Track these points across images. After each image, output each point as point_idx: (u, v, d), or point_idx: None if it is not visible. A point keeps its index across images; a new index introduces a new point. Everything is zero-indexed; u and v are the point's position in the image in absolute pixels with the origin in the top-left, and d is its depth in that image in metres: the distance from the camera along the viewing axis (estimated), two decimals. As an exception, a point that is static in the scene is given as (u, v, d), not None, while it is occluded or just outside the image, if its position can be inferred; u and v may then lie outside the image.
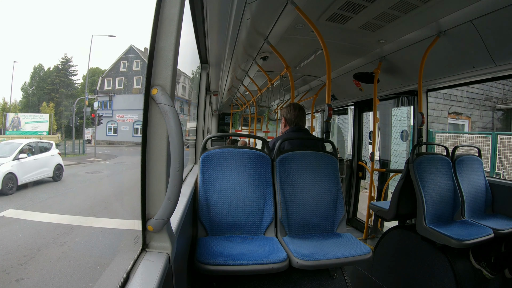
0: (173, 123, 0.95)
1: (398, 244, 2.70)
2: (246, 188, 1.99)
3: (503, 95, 9.74)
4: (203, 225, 1.92)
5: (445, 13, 2.19)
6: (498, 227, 2.33)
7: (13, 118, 10.65)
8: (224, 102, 8.47)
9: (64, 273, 3.65)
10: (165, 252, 1.04)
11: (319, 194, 2.07)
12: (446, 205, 2.54)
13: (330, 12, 2.31)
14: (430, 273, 2.36)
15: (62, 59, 13.99)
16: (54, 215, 5.40)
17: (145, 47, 16.34)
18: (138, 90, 15.11)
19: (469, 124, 9.70)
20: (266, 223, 1.97)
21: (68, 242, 4.47)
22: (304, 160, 2.10)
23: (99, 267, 3.77)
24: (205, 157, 2.00)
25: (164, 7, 0.98)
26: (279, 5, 2.18)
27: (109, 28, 37.79)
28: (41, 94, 13.50)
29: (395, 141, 7.83)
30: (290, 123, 2.57)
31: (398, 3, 2.11)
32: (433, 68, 2.81)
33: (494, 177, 4.32)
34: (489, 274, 2.33)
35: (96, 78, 15.54)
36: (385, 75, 3.37)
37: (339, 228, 2.08)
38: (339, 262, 1.73)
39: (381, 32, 2.61)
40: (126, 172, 10.33)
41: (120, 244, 4.63)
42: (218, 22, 2.34)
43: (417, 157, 2.52)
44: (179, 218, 1.33)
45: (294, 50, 3.32)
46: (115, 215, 5.84)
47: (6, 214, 5.25)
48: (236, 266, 1.55)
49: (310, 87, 5.09)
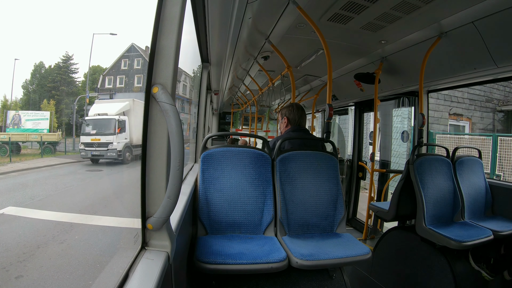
0: (174, 121, 0.95)
1: (398, 245, 2.70)
2: (246, 188, 1.99)
3: (504, 97, 9.73)
4: (202, 224, 1.92)
5: (447, 14, 2.19)
6: (498, 229, 2.33)
7: (13, 116, 10.66)
8: (225, 101, 8.47)
9: (64, 270, 3.66)
10: (164, 251, 1.04)
11: (319, 194, 2.07)
12: (446, 206, 2.54)
13: (331, 12, 2.30)
14: (429, 274, 2.36)
15: (63, 57, 14.01)
16: (54, 213, 5.41)
17: (146, 46, 16.34)
18: (139, 89, 15.12)
19: (469, 126, 9.70)
20: (266, 223, 1.98)
21: (68, 240, 4.48)
22: (304, 160, 2.10)
23: (99, 265, 3.78)
24: (206, 156, 2.00)
25: (165, 6, 0.98)
26: (281, 5, 2.18)
27: (111, 26, 37.77)
28: (42, 92, 13.52)
29: (396, 142, 7.83)
30: (292, 123, 2.57)
31: (400, 4, 2.10)
32: (434, 69, 2.80)
33: (494, 179, 4.31)
34: (488, 276, 2.33)
35: (97, 76, 15.56)
36: (386, 76, 3.37)
37: (339, 228, 2.07)
38: (338, 262, 1.74)
39: (383, 32, 2.61)
40: (126, 170, 10.39)
41: (119, 242, 4.64)
42: (220, 21, 2.34)
43: (417, 158, 2.52)
44: (178, 217, 1.33)
45: (295, 49, 3.31)
46: (114, 213, 5.85)
47: (6, 211, 5.26)
48: (236, 265, 1.55)
49: (311, 87, 5.09)
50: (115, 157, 10.24)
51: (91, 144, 10.17)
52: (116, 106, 11.46)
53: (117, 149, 10.23)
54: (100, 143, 10.20)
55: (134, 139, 10.94)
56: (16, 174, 8.59)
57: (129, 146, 10.69)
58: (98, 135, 10.29)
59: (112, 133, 10.36)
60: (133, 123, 10.99)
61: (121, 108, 11.26)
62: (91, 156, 10.25)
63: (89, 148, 10.16)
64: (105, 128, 10.48)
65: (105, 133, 10.38)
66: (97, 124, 10.53)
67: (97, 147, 10.21)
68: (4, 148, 9.67)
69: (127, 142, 10.65)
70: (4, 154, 9.44)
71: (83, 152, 10.11)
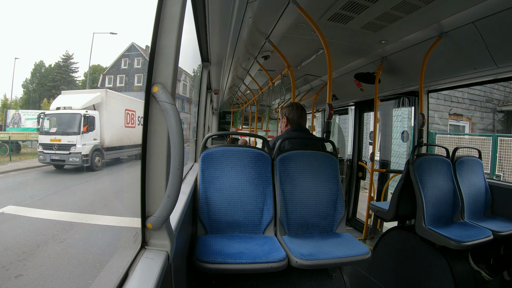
0: (174, 121, 0.95)
1: (397, 245, 2.70)
2: (246, 187, 1.99)
3: (504, 97, 9.73)
4: (202, 224, 1.92)
5: (447, 14, 2.19)
6: (498, 229, 2.33)
7: (14, 115, 10.61)
8: (225, 100, 8.47)
9: (63, 270, 3.66)
10: (164, 250, 1.04)
11: (319, 193, 2.07)
12: (445, 206, 2.54)
13: (332, 11, 2.30)
14: (429, 274, 2.36)
15: (63, 56, 14.00)
16: (53, 212, 5.40)
17: (146, 45, 16.36)
18: (139, 88, 15.10)
19: (469, 126, 9.70)
20: (266, 222, 1.98)
21: (68, 239, 4.48)
22: (304, 159, 2.10)
23: (98, 264, 3.78)
24: (206, 156, 2.00)
25: (165, 5, 0.98)
26: (281, 4, 2.18)
27: (111, 25, 37.75)
28: (42, 91, 13.50)
29: (396, 142, 7.83)
30: (292, 123, 2.57)
31: (400, 4, 2.10)
32: (434, 69, 2.80)
33: (494, 179, 4.31)
34: (488, 276, 2.33)
35: (97, 75, 15.55)
36: (386, 76, 3.37)
37: (339, 228, 2.08)
38: (338, 262, 1.74)
39: (383, 32, 2.61)
40: (126, 169, 10.31)
41: (119, 242, 4.64)
42: (220, 20, 2.34)
43: (417, 158, 2.52)
44: (178, 216, 1.34)
45: (296, 49, 3.31)
46: (114, 212, 5.85)
47: (6, 210, 5.25)
48: (235, 265, 1.55)
49: (311, 86, 5.09)
50: (78, 163, 8.08)
51: (50, 146, 7.93)
52: (83, 98, 8.96)
53: (82, 153, 8.04)
54: (60, 144, 7.95)
55: (107, 140, 8.98)
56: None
57: (99, 149, 8.65)
58: (59, 134, 8.06)
59: (75, 133, 8.14)
60: (105, 119, 8.94)
61: (89, 101, 8.87)
62: (50, 160, 8.00)
63: (48, 150, 7.91)
64: (67, 126, 8.23)
65: (67, 132, 8.17)
66: (57, 121, 8.30)
67: (56, 149, 7.95)
68: (4, 147, 9.56)
69: (96, 144, 8.55)
70: (4, 153, 9.35)
71: (41, 155, 7.83)
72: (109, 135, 9.06)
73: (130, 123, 10.73)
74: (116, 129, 9.75)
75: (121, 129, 10.13)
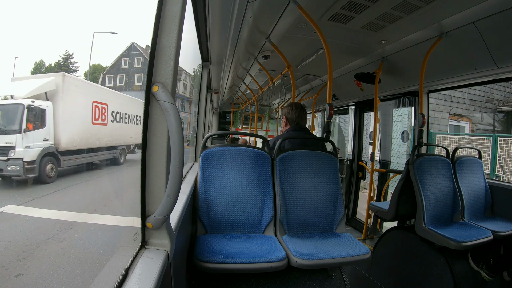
0: (174, 120, 0.95)
1: (397, 245, 2.70)
2: (246, 187, 1.99)
3: (504, 97, 9.73)
4: (202, 223, 1.92)
5: (447, 14, 2.19)
6: (497, 229, 2.34)
7: (13, 114, 10.49)
8: (225, 100, 8.47)
9: (63, 269, 3.66)
10: (164, 249, 1.04)
11: (319, 193, 2.07)
12: (445, 206, 2.54)
13: (332, 11, 2.30)
14: (428, 274, 2.36)
15: (63, 56, 13.98)
16: (53, 211, 5.39)
17: (146, 45, 16.34)
18: (139, 87, 15.06)
19: (469, 126, 9.70)
20: (266, 222, 1.98)
21: (68, 238, 4.48)
22: (304, 159, 2.10)
23: (98, 264, 3.78)
24: (206, 155, 2.00)
25: (166, 5, 0.98)
26: (281, 4, 2.18)
27: (111, 25, 37.76)
28: (42, 90, 13.44)
29: (396, 142, 7.83)
30: (291, 122, 2.57)
31: (401, 4, 2.10)
32: (434, 69, 2.80)
33: (494, 179, 4.32)
34: (488, 276, 2.33)
35: (97, 74, 15.53)
36: (386, 76, 3.37)
37: (338, 228, 2.08)
38: (338, 262, 1.73)
39: (383, 32, 2.61)
40: (126, 169, 10.29)
41: (119, 241, 4.64)
42: (220, 20, 2.34)
43: (417, 158, 2.52)
44: (178, 216, 1.34)
45: (296, 49, 3.31)
46: (114, 211, 5.85)
47: (6, 209, 5.24)
48: (235, 265, 1.55)
49: (311, 86, 5.09)
50: (19, 172, 5.76)
51: (-17, 150, 5.62)
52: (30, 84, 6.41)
53: (24, 159, 5.76)
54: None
55: (65, 140, 6.62)
56: None
57: (52, 153, 6.38)
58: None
59: (14, 131, 5.79)
60: (62, 113, 6.54)
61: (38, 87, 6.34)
62: (-17, 169, 5.61)
63: (-19, 156, 5.59)
64: (5, 122, 5.96)
65: (4, 130, 5.86)
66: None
67: (-10, 154, 5.60)
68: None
69: (48, 146, 6.27)
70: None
71: (-25, 161, 5.52)
72: (67, 135, 6.74)
73: (100, 119, 8.18)
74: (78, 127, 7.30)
75: (86, 127, 7.62)
